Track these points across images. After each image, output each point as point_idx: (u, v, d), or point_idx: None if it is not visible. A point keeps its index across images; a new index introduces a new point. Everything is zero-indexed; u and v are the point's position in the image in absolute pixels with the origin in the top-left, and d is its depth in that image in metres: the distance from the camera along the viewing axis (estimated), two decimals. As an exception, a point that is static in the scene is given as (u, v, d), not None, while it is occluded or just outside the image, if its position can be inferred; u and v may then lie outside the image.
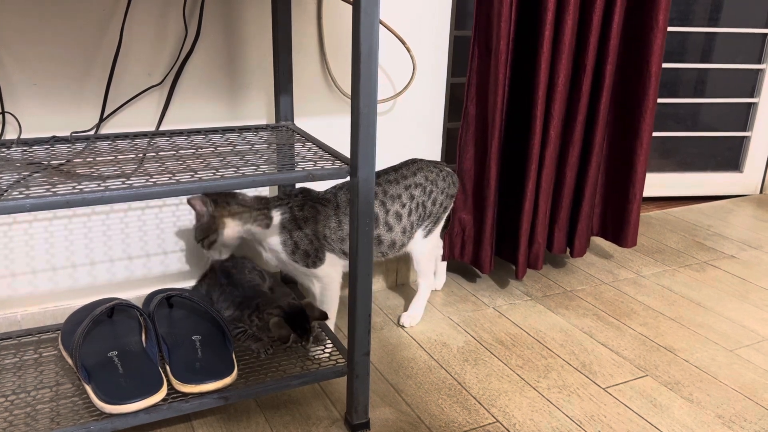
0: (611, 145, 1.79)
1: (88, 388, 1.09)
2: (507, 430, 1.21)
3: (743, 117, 2.47)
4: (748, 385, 1.36)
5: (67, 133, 1.26)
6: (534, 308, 1.65)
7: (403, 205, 1.40)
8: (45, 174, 0.98)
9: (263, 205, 1.29)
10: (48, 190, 0.90)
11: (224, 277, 1.36)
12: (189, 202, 1.26)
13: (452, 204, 1.53)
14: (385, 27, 1.49)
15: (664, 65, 2.31)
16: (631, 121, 1.72)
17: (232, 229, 1.26)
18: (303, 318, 1.23)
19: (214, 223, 1.25)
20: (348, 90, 1.51)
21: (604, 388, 1.34)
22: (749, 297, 1.74)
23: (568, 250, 1.83)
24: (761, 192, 2.55)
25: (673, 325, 1.59)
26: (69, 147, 1.14)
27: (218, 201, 1.26)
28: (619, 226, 1.82)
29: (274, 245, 1.30)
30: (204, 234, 1.27)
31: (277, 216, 1.29)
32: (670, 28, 2.27)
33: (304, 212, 1.30)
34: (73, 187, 0.91)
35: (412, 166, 1.45)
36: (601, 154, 1.73)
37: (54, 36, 1.21)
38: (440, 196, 1.47)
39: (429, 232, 1.49)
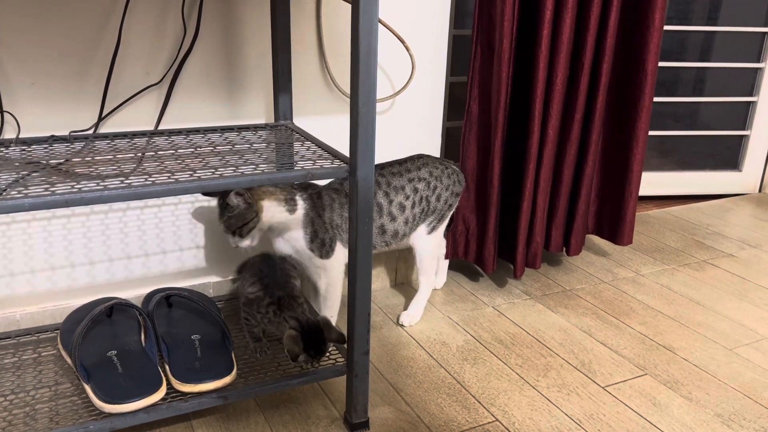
0: (607, 143, 1.79)
1: (87, 388, 1.09)
2: (506, 429, 1.21)
3: (742, 116, 2.47)
4: (747, 384, 1.36)
5: (65, 133, 1.25)
6: (533, 307, 1.65)
7: (407, 197, 1.41)
8: (43, 173, 0.98)
9: (291, 191, 1.29)
10: (47, 189, 0.90)
11: (261, 255, 1.33)
12: (225, 199, 1.25)
13: (457, 202, 1.53)
14: (384, 26, 1.49)
15: (664, 64, 2.31)
16: (627, 120, 1.72)
17: (268, 210, 1.25)
18: (319, 338, 1.16)
19: (250, 210, 1.24)
20: (347, 89, 1.51)
21: (603, 387, 1.34)
22: (748, 296, 1.74)
23: (564, 248, 1.83)
24: (760, 191, 2.55)
25: (672, 324, 1.59)
26: (68, 146, 1.14)
27: (252, 189, 1.26)
28: (615, 224, 1.82)
29: (295, 232, 1.30)
30: (241, 221, 1.24)
31: (301, 202, 1.29)
32: (669, 27, 2.27)
33: (322, 200, 1.31)
34: (72, 187, 0.91)
35: (418, 160, 1.46)
36: (597, 152, 1.73)
37: (53, 35, 1.21)
38: (445, 192, 1.47)
39: (433, 228, 1.49)
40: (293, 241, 1.32)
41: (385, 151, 1.61)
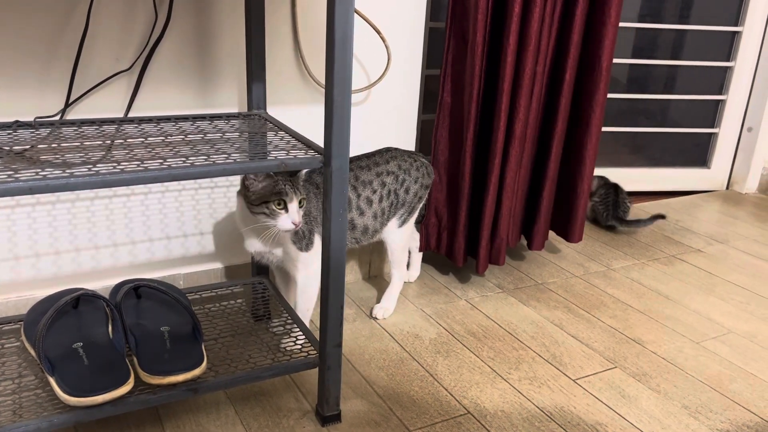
0: (566, 139, 1.78)
1: (52, 381, 1.06)
2: (478, 421, 1.22)
3: (711, 114, 2.51)
4: (714, 377, 1.38)
5: (30, 118, 1.22)
6: (506, 300, 1.66)
7: (374, 191, 1.40)
8: (7, 160, 0.95)
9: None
10: (10, 176, 0.87)
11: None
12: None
13: (427, 194, 1.53)
14: (360, 16, 1.47)
15: (635, 61, 2.34)
16: (582, 115, 1.72)
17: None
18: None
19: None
20: (322, 80, 1.49)
21: (574, 380, 1.35)
22: (715, 290, 1.77)
23: (526, 242, 1.84)
24: (728, 188, 2.60)
25: (641, 318, 1.61)
26: (33, 133, 1.10)
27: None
28: (566, 220, 1.82)
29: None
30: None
31: None
32: (641, 25, 2.30)
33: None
34: (37, 174, 0.88)
35: (386, 154, 1.45)
36: (560, 147, 1.73)
37: (18, 17, 1.17)
38: (413, 185, 1.47)
39: (404, 221, 1.48)
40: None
41: (360, 142, 1.60)
